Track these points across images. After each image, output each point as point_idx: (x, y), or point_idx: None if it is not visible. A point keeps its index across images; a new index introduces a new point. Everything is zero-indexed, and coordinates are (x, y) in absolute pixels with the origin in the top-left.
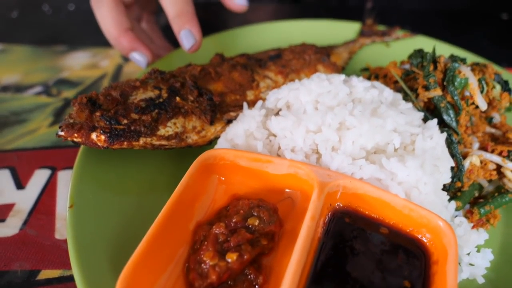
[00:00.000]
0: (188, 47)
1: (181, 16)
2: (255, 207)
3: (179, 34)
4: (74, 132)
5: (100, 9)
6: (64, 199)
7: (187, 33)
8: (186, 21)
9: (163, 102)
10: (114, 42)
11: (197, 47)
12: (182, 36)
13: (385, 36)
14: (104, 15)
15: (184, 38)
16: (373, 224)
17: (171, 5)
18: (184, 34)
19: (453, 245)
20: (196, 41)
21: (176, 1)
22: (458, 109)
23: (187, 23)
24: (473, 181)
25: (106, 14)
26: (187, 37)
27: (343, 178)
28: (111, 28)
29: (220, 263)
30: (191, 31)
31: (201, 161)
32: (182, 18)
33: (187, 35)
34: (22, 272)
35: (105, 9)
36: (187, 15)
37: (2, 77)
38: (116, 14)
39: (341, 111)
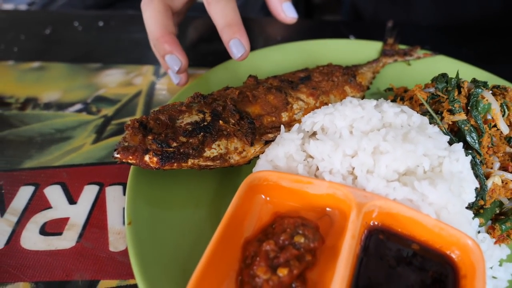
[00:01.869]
0: (238, 56)
1: (231, 26)
2: (300, 226)
3: (229, 43)
4: (129, 154)
5: (148, 10)
6: (113, 213)
7: (237, 43)
8: (236, 31)
9: (208, 125)
10: (155, 42)
11: (246, 56)
12: (232, 45)
13: (406, 56)
14: (151, 16)
15: (234, 47)
16: (406, 241)
17: (221, 15)
18: (234, 43)
19: (481, 262)
20: (245, 51)
21: (226, 12)
22: (481, 132)
23: (237, 33)
24: (495, 199)
25: (154, 15)
26: (237, 46)
27: (378, 199)
28: (155, 29)
29: (272, 277)
30: (241, 41)
31: (248, 182)
32: (232, 28)
33: (237, 44)
34: (83, 282)
35: (153, 10)
36: (237, 26)
37: (43, 95)
38: (163, 17)
39: (375, 136)
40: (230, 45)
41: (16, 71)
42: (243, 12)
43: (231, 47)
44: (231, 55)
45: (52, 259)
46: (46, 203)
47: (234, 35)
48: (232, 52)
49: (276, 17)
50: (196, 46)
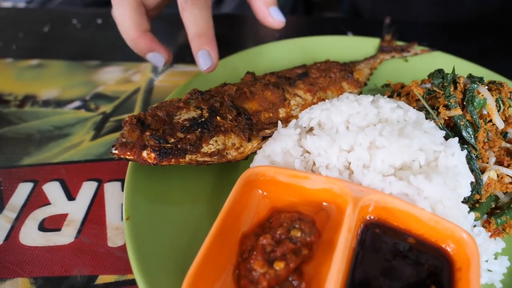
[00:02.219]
0: (205, 68)
1: (201, 37)
2: (296, 220)
3: (197, 54)
4: (127, 150)
5: (120, 9)
6: (112, 209)
7: (205, 54)
8: (205, 42)
9: (205, 121)
10: (131, 43)
11: (213, 68)
12: (199, 56)
13: (403, 52)
14: (123, 15)
15: (201, 59)
16: (401, 235)
17: (192, 24)
18: (201, 54)
19: (476, 255)
20: (213, 63)
21: (198, 21)
22: (477, 127)
23: (206, 44)
24: (490, 193)
25: (127, 13)
26: (204, 58)
27: (374, 193)
28: (130, 28)
29: (269, 271)
30: (209, 53)
31: (245, 177)
32: (201, 39)
33: (204, 56)
34: (81, 277)
35: (125, 9)
36: (207, 37)
37: (42, 92)
38: (136, 14)
39: (371, 131)
40: (198, 56)
41: (14, 69)
42: (242, 9)
43: (198, 58)
44: (198, 66)
45: (51, 254)
46: (45, 199)
47: (202, 46)
48: (199, 64)
49: (263, 22)
50: None
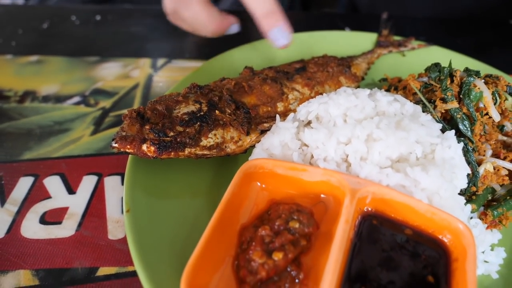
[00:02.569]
0: (285, 42)
1: (273, 14)
2: (295, 212)
3: (271, 31)
4: (127, 144)
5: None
6: (112, 203)
7: (281, 30)
8: (278, 19)
9: (204, 115)
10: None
11: (289, 44)
12: (276, 32)
13: (401, 47)
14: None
15: (278, 34)
16: (399, 226)
17: (260, 4)
18: (278, 30)
19: (472, 245)
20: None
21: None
22: (473, 120)
23: (280, 21)
24: (487, 185)
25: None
26: (281, 33)
27: (372, 185)
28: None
29: (268, 261)
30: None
31: (244, 170)
32: (274, 16)
33: (281, 31)
34: (82, 269)
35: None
36: (278, 13)
37: (42, 88)
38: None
39: (369, 124)
40: (273, 32)
41: (14, 65)
42: (240, 5)
43: (274, 34)
44: (274, 43)
45: (52, 247)
46: (45, 193)
47: (277, 23)
48: (276, 40)
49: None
50: (193, 38)
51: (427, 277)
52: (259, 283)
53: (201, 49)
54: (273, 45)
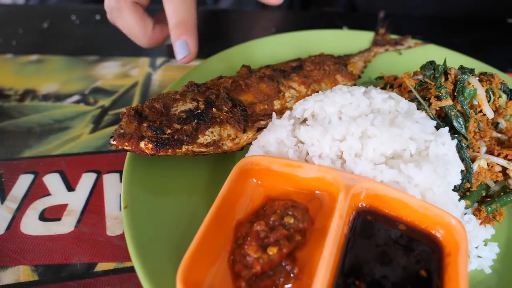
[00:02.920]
0: (180, 57)
1: (180, 26)
2: (290, 207)
3: (175, 43)
4: (125, 141)
5: (121, 19)
6: (111, 199)
7: (182, 44)
8: (184, 31)
9: (201, 113)
10: (146, 46)
11: (190, 59)
12: (177, 45)
13: (397, 45)
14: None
15: (178, 48)
16: (392, 222)
17: (173, 13)
18: (179, 44)
19: (464, 240)
20: (190, 53)
21: (178, 11)
22: (467, 117)
23: (184, 34)
24: (481, 182)
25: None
26: (181, 47)
27: (366, 181)
28: (139, 37)
29: (263, 256)
30: (186, 42)
31: (240, 167)
32: (180, 28)
33: (182, 45)
34: (81, 265)
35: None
36: (186, 26)
37: (42, 87)
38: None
39: (363, 121)
40: (176, 45)
41: (14, 64)
42: (239, 4)
43: (176, 47)
44: (175, 55)
45: (51, 243)
46: (45, 190)
47: (181, 35)
48: (176, 53)
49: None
50: None
51: (420, 272)
52: (254, 277)
53: (200, 48)
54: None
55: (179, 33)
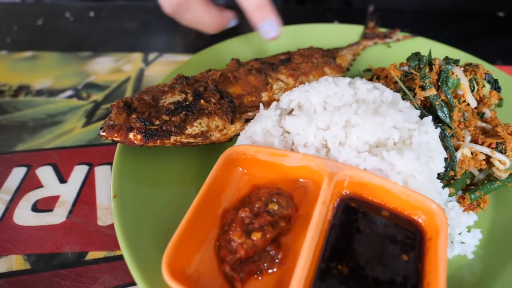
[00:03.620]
0: (274, 34)
1: (263, 7)
2: (274, 195)
3: (262, 23)
4: (114, 132)
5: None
6: (102, 191)
7: (271, 22)
8: (268, 11)
9: (189, 104)
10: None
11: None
12: (265, 24)
13: (386, 38)
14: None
15: (267, 27)
16: (376, 208)
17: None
18: (268, 23)
19: (444, 224)
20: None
21: None
22: (451, 106)
23: (270, 13)
24: (465, 170)
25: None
26: (271, 25)
27: (349, 169)
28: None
29: (247, 241)
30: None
31: (226, 156)
32: (264, 9)
33: (271, 23)
34: (72, 254)
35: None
36: (268, 6)
37: (36, 82)
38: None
39: (347, 110)
40: (263, 24)
41: (9, 61)
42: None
43: (263, 26)
44: (264, 35)
45: (43, 233)
46: (38, 182)
47: (268, 15)
48: (265, 32)
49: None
50: (184, 32)
51: (402, 256)
52: (238, 262)
53: (192, 43)
54: (263, 37)
55: (265, 13)
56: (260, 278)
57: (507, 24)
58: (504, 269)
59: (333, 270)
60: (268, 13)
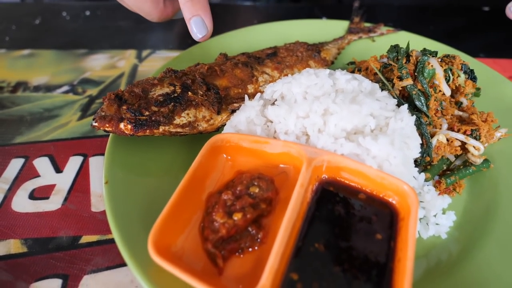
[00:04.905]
0: (200, 37)
1: (193, 2)
2: (255, 178)
3: (190, 20)
4: (105, 123)
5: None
6: (96, 180)
7: (199, 21)
8: (199, 8)
9: (178, 96)
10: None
11: (207, 37)
12: (193, 23)
13: (370, 32)
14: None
15: (195, 26)
16: (353, 191)
17: None
18: (195, 21)
19: (415, 204)
20: (208, 31)
21: None
22: (428, 96)
23: (200, 10)
24: (442, 156)
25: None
26: (198, 25)
27: (327, 154)
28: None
29: (228, 221)
30: (203, 19)
31: (211, 143)
32: (195, 4)
33: (198, 23)
34: (67, 238)
35: None
36: (201, 2)
37: (33, 79)
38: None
39: (326, 99)
40: (192, 22)
41: (7, 59)
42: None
43: (192, 25)
44: (192, 34)
45: (40, 219)
46: (35, 172)
47: (197, 12)
48: (193, 31)
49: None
50: (175, 29)
51: (376, 235)
52: (221, 240)
53: (184, 40)
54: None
55: (195, 9)
56: (242, 256)
57: (492, 19)
58: (476, 248)
59: (310, 248)
60: (198, 10)
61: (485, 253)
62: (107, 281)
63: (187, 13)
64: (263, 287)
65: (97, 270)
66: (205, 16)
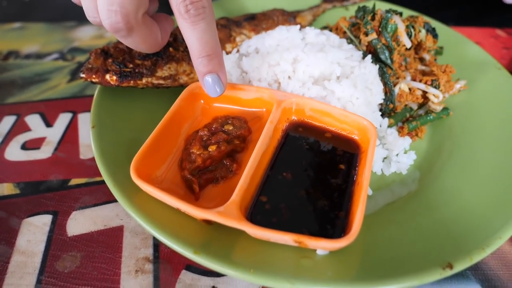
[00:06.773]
0: (215, 95)
1: (211, 58)
2: (230, 118)
3: (205, 77)
4: (92, 74)
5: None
6: (84, 132)
7: (215, 79)
8: (216, 64)
9: (160, 52)
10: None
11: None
12: (209, 80)
13: (344, 2)
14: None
15: (211, 84)
16: (320, 131)
17: (199, 42)
18: (212, 79)
19: (373, 137)
20: (223, 89)
21: (206, 39)
22: (391, 49)
23: (217, 67)
24: (405, 105)
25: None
26: (214, 82)
27: (295, 97)
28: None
29: (204, 152)
30: (220, 77)
31: (190, 89)
32: (212, 60)
33: (215, 81)
34: (57, 181)
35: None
36: (218, 58)
37: (23, 48)
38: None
39: (295, 49)
40: (206, 80)
41: None
42: None
43: (206, 82)
44: (205, 90)
45: (32, 166)
46: (26, 127)
47: (214, 69)
48: (207, 89)
49: None
50: None
51: (339, 166)
52: (197, 170)
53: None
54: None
55: (212, 66)
56: (217, 185)
57: None
58: (431, 183)
59: (278, 177)
60: (215, 66)
61: (439, 183)
62: (94, 215)
63: (201, 68)
64: (233, 202)
65: (85, 206)
66: (222, 73)
